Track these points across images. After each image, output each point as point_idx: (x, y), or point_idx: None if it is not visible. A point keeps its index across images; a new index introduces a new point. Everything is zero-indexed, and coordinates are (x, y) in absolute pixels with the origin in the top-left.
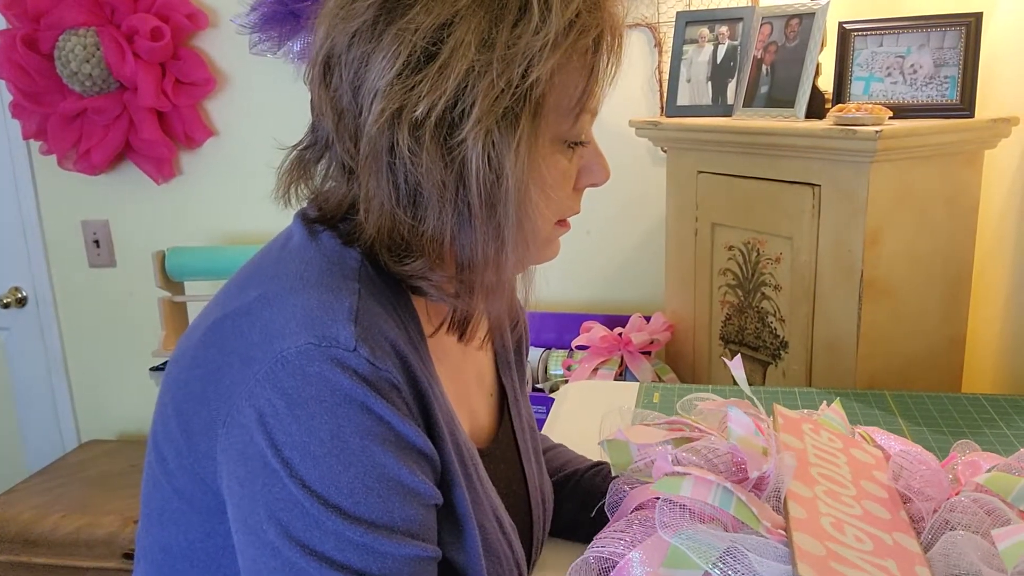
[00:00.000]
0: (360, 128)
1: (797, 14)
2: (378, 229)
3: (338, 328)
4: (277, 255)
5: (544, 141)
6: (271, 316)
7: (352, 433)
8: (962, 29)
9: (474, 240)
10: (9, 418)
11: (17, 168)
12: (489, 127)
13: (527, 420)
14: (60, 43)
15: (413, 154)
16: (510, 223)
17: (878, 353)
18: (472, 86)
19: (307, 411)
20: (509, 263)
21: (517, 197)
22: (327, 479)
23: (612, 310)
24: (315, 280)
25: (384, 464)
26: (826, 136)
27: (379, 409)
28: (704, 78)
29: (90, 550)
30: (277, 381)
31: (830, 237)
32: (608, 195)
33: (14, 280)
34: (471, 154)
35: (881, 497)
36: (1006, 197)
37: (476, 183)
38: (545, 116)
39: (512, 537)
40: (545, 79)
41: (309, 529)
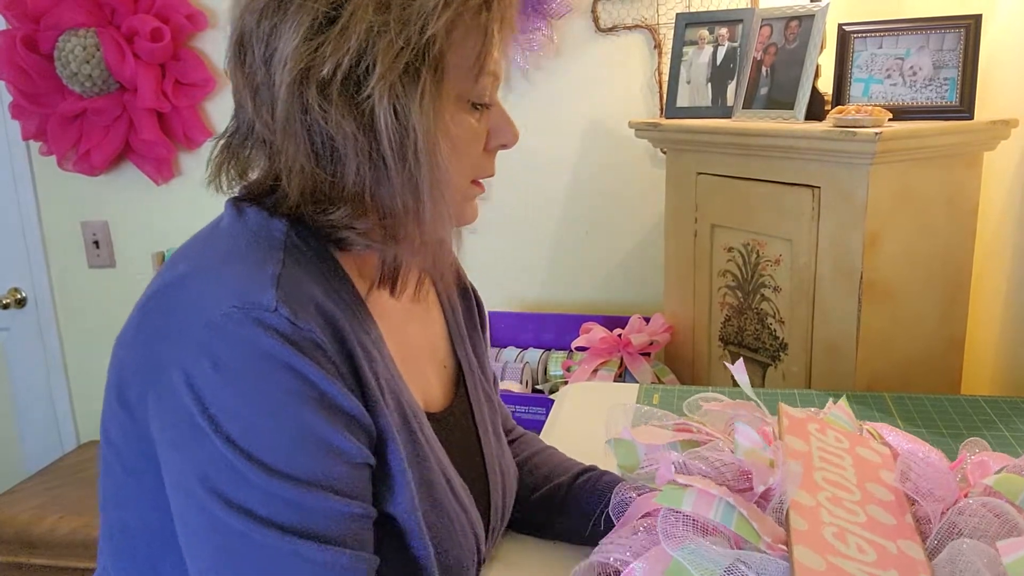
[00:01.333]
0: (275, 98)
1: (797, 16)
2: (301, 192)
3: (260, 292)
4: (207, 235)
5: (449, 99)
6: (198, 287)
7: (276, 391)
8: (961, 31)
9: (392, 190)
10: (8, 419)
11: (17, 169)
12: (392, 82)
13: (485, 394)
14: (60, 44)
15: (324, 111)
16: (423, 173)
17: (877, 355)
18: (373, 44)
19: (232, 371)
20: (428, 213)
21: (427, 147)
22: (252, 436)
23: (611, 311)
24: (241, 252)
25: (308, 422)
26: (826, 138)
27: (301, 367)
28: (704, 80)
29: (88, 551)
30: (203, 345)
31: (829, 239)
32: (608, 196)
33: (13, 281)
34: (378, 108)
35: (887, 500)
36: (1005, 199)
37: (386, 135)
38: (448, 74)
39: (463, 497)
40: (442, 37)
41: (236, 485)
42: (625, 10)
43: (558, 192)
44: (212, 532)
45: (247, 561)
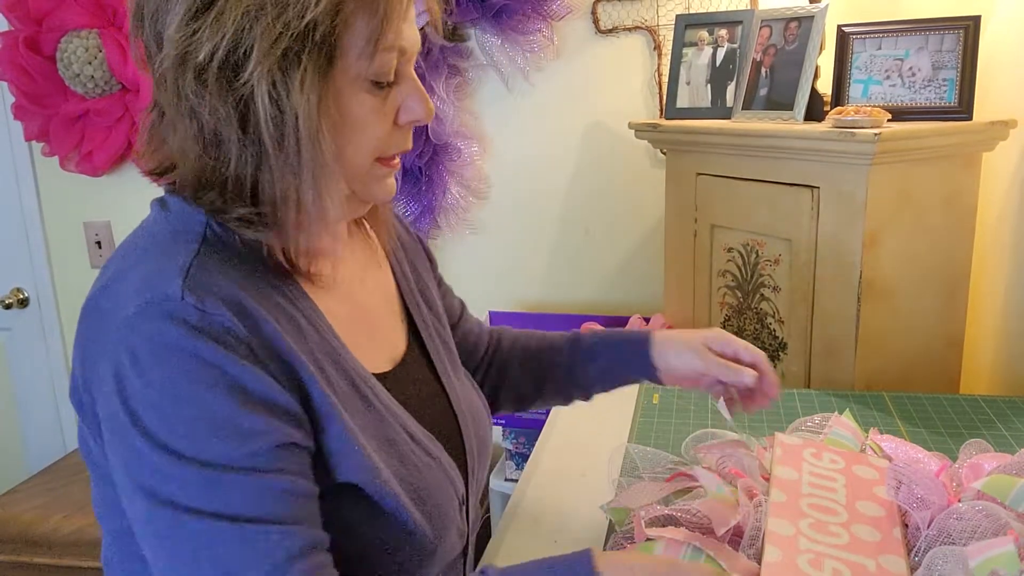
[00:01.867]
0: (163, 82)
1: (796, 17)
2: (192, 173)
3: (167, 284)
4: (133, 235)
5: (344, 80)
6: (119, 288)
7: (185, 380)
8: (960, 32)
9: (272, 176)
10: (10, 418)
11: (19, 169)
12: (270, 67)
13: (441, 338)
14: (62, 45)
15: (199, 97)
16: (304, 158)
17: (876, 354)
18: (249, 29)
19: (146, 364)
20: (308, 198)
21: (308, 132)
22: (165, 426)
23: (611, 311)
24: (157, 249)
25: (218, 408)
26: (825, 138)
27: (210, 355)
28: (703, 80)
29: (92, 550)
30: (123, 342)
31: (829, 239)
32: (608, 197)
33: (16, 281)
34: (256, 93)
35: (876, 516)
36: (1004, 199)
37: (263, 121)
38: (341, 56)
39: (430, 447)
40: (325, 21)
41: (158, 477)
42: (625, 11)
43: (558, 193)
44: (148, 523)
45: (181, 548)
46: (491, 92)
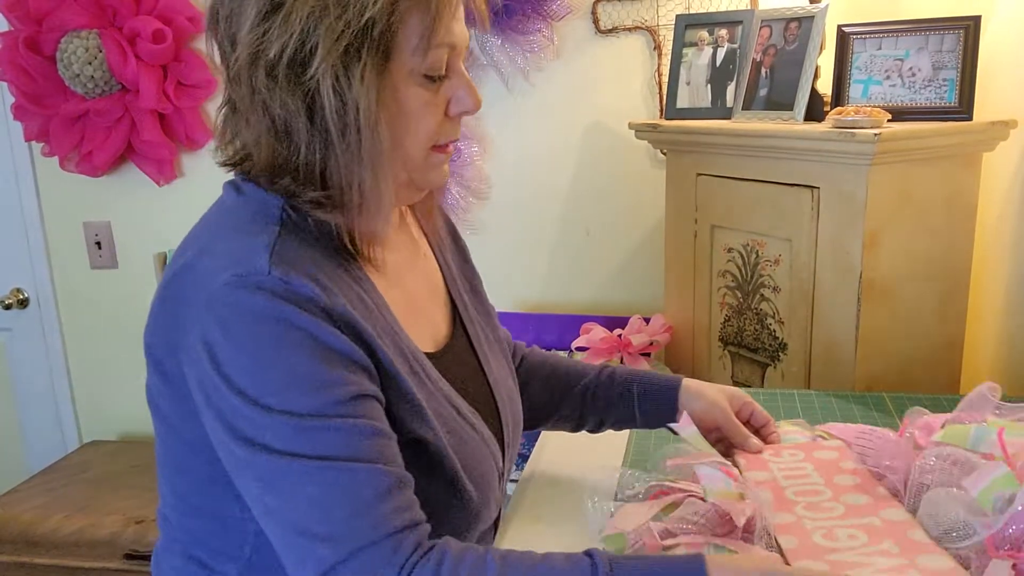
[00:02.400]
0: (238, 78)
1: (796, 17)
2: (266, 162)
3: (255, 260)
4: (213, 215)
5: (400, 74)
6: (205, 264)
7: (271, 344)
8: (960, 32)
9: (338, 163)
10: (11, 419)
11: (19, 170)
12: (333, 63)
13: (481, 325)
14: (62, 45)
15: (270, 92)
16: (365, 147)
17: (877, 355)
18: (314, 29)
19: (235, 332)
20: (368, 183)
21: (368, 123)
22: (257, 386)
23: (612, 311)
24: (241, 228)
25: (301, 365)
26: (825, 139)
27: (295, 319)
28: (703, 81)
29: (92, 550)
30: (213, 313)
31: (829, 239)
32: (608, 197)
33: (16, 281)
34: (321, 87)
35: (855, 484)
36: (1004, 199)
37: (328, 113)
38: (397, 52)
39: (473, 420)
40: (382, 19)
41: (252, 428)
42: (625, 12)
43: (558, 193)
44: (247, 468)
45: (279, 487)
46: (491, 92)
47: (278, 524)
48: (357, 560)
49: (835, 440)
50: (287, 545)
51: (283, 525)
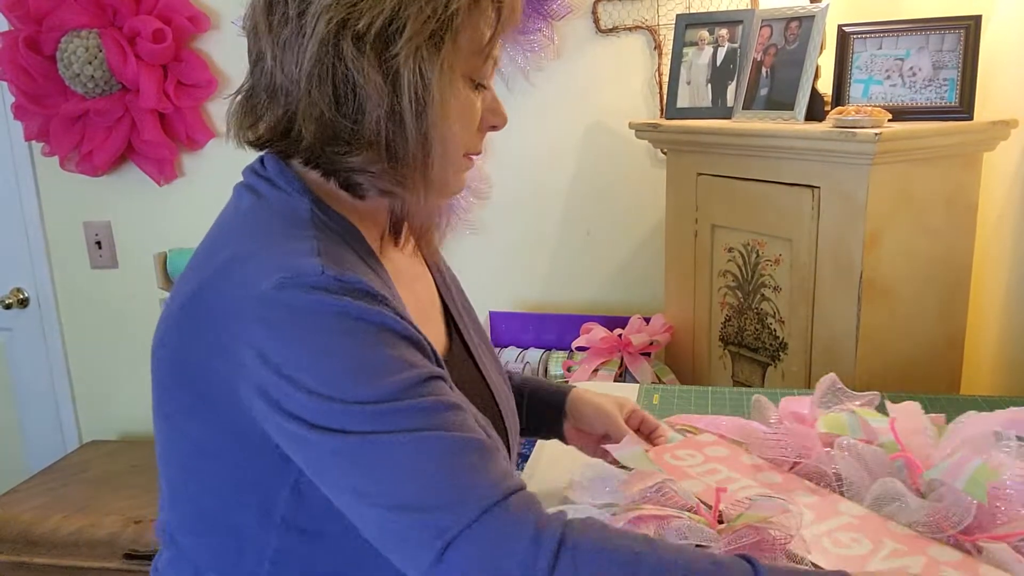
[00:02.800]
0: (303, 48)
1: (797, 17)
2: (316, 137)
3: (304, 263)
4: (234, 220)
5: (458, 73)
6: (246, 269)
7: (330, 337)
8: (961, 32)
9: (406, 142)
10: (11, 418)
11: (19, 169)
12: (419, 45)
13: (475, 333)
14: (62, 45)
15: (356, 61)
16: (436, 132)
17: (877, 354)
18: (405, 8)
19: (290, 333)
20: (435, 167)
21: (442, 110)
22: (323, 382)
23: (612, 311)
24: (277, 232)
25: (367, 354)
26: (825, 138)
27: (354, 310)
28: (704, 80)
29: (92, 550)
30: (262, 317)
31: (829, 239)
32: (608, 197)
33: (16, 281)
34: (403, 68)
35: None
36: (1005, 199)
37: (407, 92)
38: (460, 50)
39: (486, 426)
40: (463, 14)
41: (332, 419)
42: (625, 11)
43: (559, 193)
44: (335, 456)
45: (377, 463)
46: None
47: (377, 507)
48: (485, 523)
49: (706, 434)
50: (392, 529)
51: (385, 506)
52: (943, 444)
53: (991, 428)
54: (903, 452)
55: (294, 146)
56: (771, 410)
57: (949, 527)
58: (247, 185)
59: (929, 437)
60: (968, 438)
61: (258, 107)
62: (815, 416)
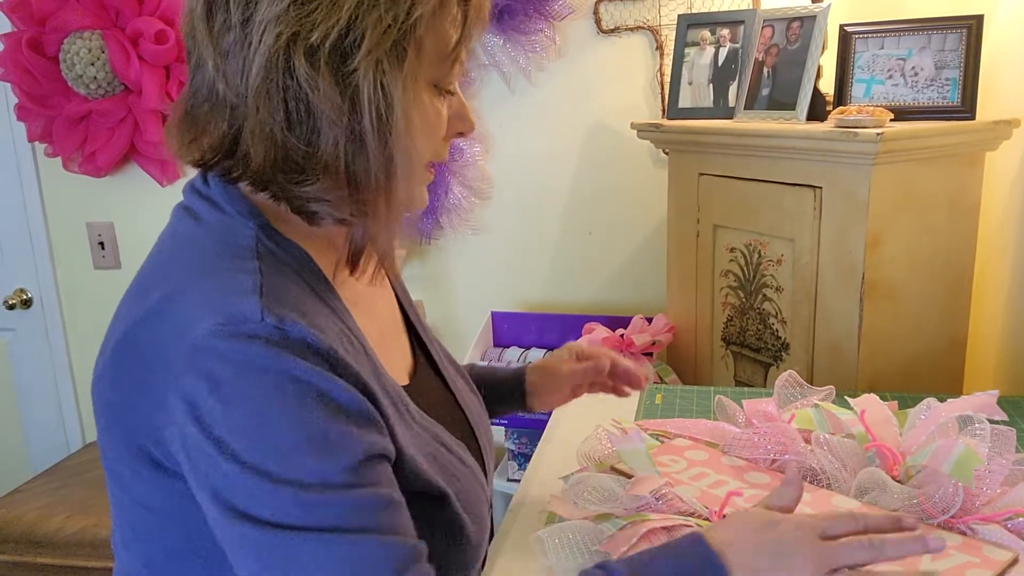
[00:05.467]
0: (249, 61)
1: (798, 17)
2: (266, 158)
3: (242, 305)
4: (168, 249)
5: (423, 82)
6: (178, 311)
7: (271, 400)
8: (963, 31)
9: (368, 165)
10: (14, 419)
11: (22, 170)
12: (379, 58)
13: (442, 349)
14: (65, 46)
15: (310, 78)
16: (400, 150)
17: (879, 354)
18: (362, 18)
19: (227, 388)
20: (399, 189)
21: (404, 126)
22: (255, 449)
23: (614, 311)
24: (211, 265)
25: (308, 424)
26: (827, 138)
27: (297, 370)
28: (705, 80)
29: (95, 551)
30: (196, 368)
31: (831, 239)
32: (610, 197)
33: (19, 282)
34: (363, 83)
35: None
36: (1007, 199)
37: (368, 110)
38: (424, 58)
39: (461, 453)
40: (427, 20)
41: (250, 500)
42: (627, 11)
43: (561, 193)
44: (246, 545)
45: (284, 565)
46: (493, 92)
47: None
48: None
49: (680, 439)
50: None
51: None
52: (911, 432)
53: (957, 413)
54: (875, 442)
55: (240, 167)
56: (736, 410)
57: (937, 513)
58: (186, 207)
59: (894, 426)
60: (940, 425)
61: (199, 119)
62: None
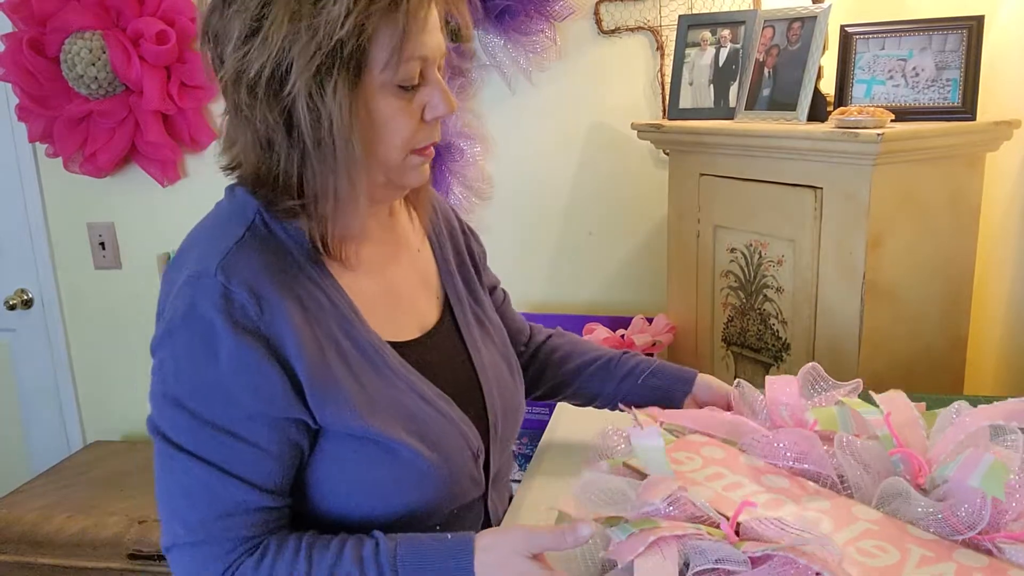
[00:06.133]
0: (226, 91)
1: (799, 17)
2: (252, 170)
3: (209, 261)
4: (202, 221)
5: (373, 87)
6: (184, 258)
7: (198, 344)
8: (964, 32)
9: (313, 174)
10: (15, 419)
11: (23, 170)
12: (307, 80)
13: (475, 316)
14: (66, 46)
15: (251, 108)
16: (339, 157)
17: (880, 355)
18: (289, 50)
19: (172, 327)
20: (343, 190)
21: (341, 135)
22: (175, 378)
23: (615, 312)
24: (216, 229)
25: (216, 374)
26: (828, 139)
27: (221, 328)
28: (706, 81)
29: (95, 551)
30: (172, 304)
31: (832, 239)
32: (611, 197)
33: (20, 282)
34: (297, 103)
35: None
36: (1008, 199)
37: (304, 126)
38: (369, 68)
39: (439, 402)
40: (352, 40)
41: (161, 415)
42: (627, 12)
43: (561, 193)
44: (157, 454)
45: (168, 474)
46: (494, 93)
47: (159, 494)
48: (198, 548)
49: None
50: (160, 511)
51: (161, 497)
52: (940, 439)
53: (989, 421)
54: (901, 447)
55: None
56: (756, 398)
57: (963, 528)
58: (231, 186)
59: (922, 429)
60: (970, 434)
61: (228, 134)
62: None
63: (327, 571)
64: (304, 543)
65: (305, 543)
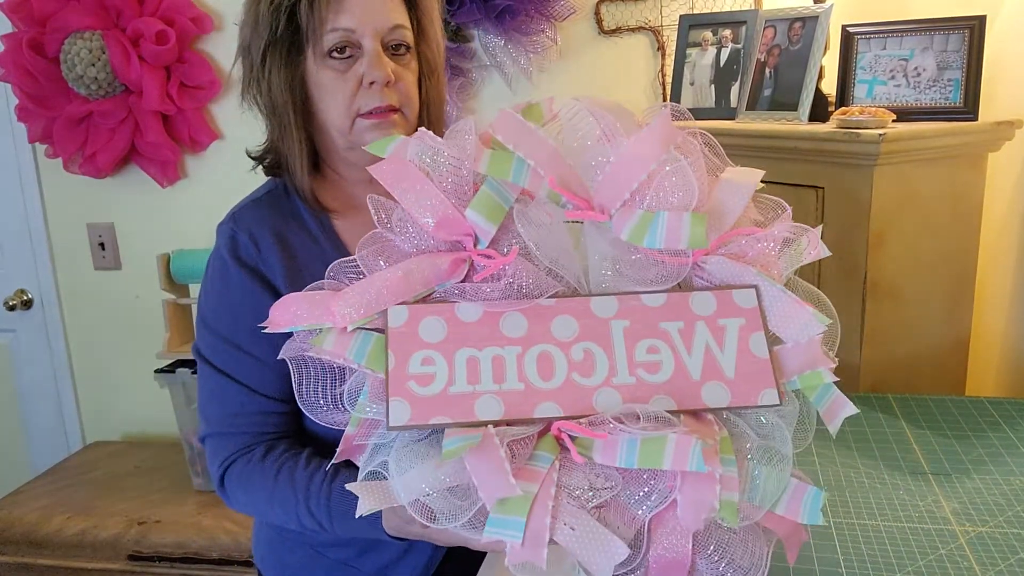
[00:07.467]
0: None
1: (800, 17)
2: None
3: (229, 215)
4: None
5: (311, 61)
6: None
7: (216, 277)
8: (965, 32)
9: (279, 138)
10: (14, 419)
11: (23, 171)
12: (256, 70)
13: None
14: (66, 46)
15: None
16: (283, 123)
17: (882, 355)
18: (248, 39)
19: (205, 267)
20: (295, 152)
21: (281, 107)
22: (205, 309)
23: None
24: (248, 194)
25: (226, 299)
26: (830, 139)
27: (228, 261)
28: (707, 81)
29: (95, 552)
30: None
31: (834, 240)
32: None
33: (20, 282)
34: (261, 85)
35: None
36: (1010, 199)
37: (265, 103)
38: (301, 46)
39: None
40: (280, 27)
41: (201, 342)
42: (628, 12)
43: None
44: (198, 368)
45: (202, 376)
46: (494, 93)
47: (198, 397)
48: (213, 440)
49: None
50: (198, 412)
51: (199, 399)
52: (600, 180)
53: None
54: (575, 201)
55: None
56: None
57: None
58: None
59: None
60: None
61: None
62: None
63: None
64: (282, 458)
65: (282, 459)
